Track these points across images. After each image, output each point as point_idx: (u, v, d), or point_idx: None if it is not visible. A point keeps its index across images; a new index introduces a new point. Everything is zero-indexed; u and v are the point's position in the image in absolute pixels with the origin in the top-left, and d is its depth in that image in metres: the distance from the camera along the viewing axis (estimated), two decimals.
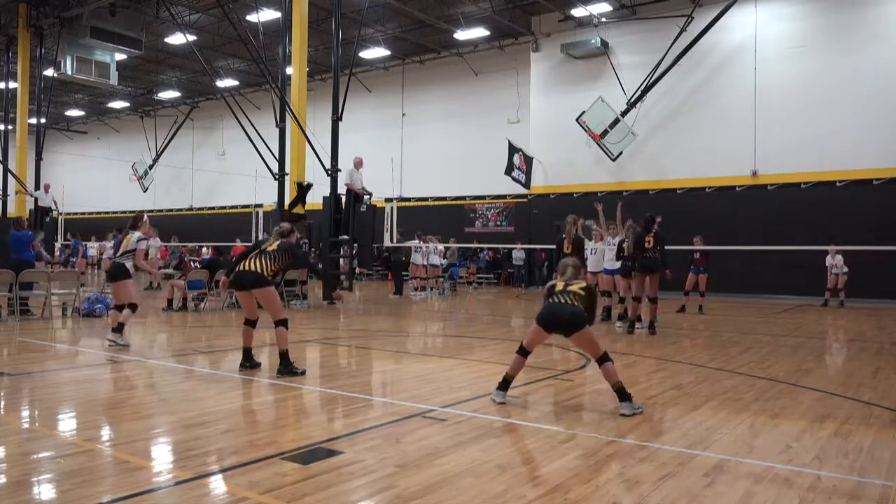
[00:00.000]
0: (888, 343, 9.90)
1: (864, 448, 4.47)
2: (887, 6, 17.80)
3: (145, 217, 8.98)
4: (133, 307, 8.52)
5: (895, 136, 17.29)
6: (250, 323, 7.01)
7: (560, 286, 5.63)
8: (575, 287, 5.57)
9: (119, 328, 8.30)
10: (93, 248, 22.06)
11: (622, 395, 5.35)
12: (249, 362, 7.00)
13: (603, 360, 5.40)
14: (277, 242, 6.99)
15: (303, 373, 6.73)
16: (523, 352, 5.65)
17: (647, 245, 10.47)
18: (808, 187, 18.44)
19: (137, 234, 8.64)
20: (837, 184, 18.05)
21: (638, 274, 10.59)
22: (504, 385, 5.63)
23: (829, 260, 16.42)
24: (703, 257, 14.31)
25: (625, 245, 11.45)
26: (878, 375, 7.20)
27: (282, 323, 6.79)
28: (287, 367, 6.69)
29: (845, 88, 17.99)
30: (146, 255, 8.93)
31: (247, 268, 6.80)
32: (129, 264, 8.55)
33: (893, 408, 5.64)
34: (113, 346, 8.21)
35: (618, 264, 12.10)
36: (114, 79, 22.22)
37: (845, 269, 16.21)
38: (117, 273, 8.54)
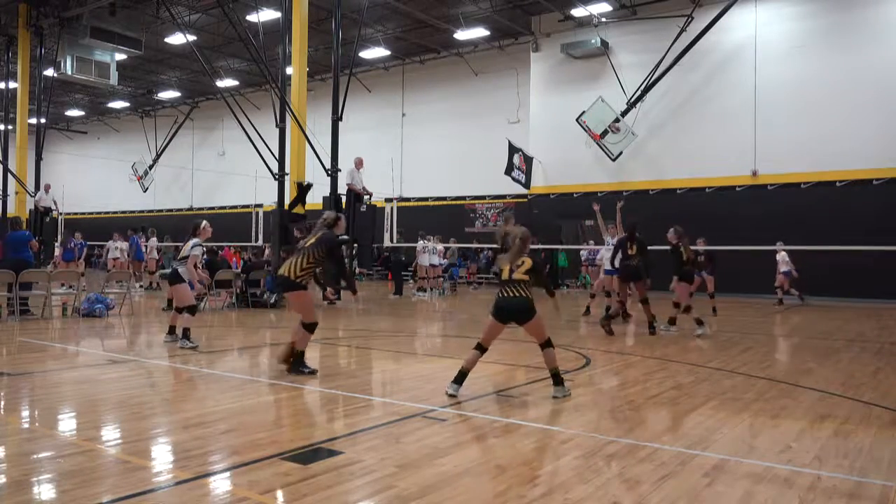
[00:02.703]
0: (888, 343, 9.90)
1: (864, 448, 4.47)
2: (887, 6, 17.80)
3: (202, 223, 9.00)
4: (192, 309, 8.58)
5: (895, 136, 17.30)
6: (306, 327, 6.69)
7: (506, 274, 5.81)
8: (519, 274, 5.75)
9: (185, 333, 8.46)
10: (117, 247, 20.64)
11: (556, 379, 5.76)
12: (302, 367, 6.72)
13: (545, 345, 5.77)
14: (318, 235, 6.72)
15: (312, 372, 6.62)
16: (480, 348, 5.87)
17: (630, 252, 10.42)
18: (808, 187, 18.43)
19: (195, 240, 8.80)
20: (837, 184, 18.04)
21: (621, 281, 10.58)
22: (460, 378, 5.81)
23: (778, 258, 16.34)
24: (708, 259, 14.24)
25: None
26: (878, 375, 7.20)
27: (307, 327, 6.63)
28: (298, 366, 6.62)
29: (845, 88, 17.98)
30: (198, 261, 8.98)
31: (281, 272, 6.67)
32: (181, 269, 8.73)
33: (893, 408, 5.64)
34: (183, 348, 8.34)
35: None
36: (114, 79, 22.21)
37: (785, 269, 16.13)
38: (173, 277, 8.82)
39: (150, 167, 33.61)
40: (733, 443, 4.55)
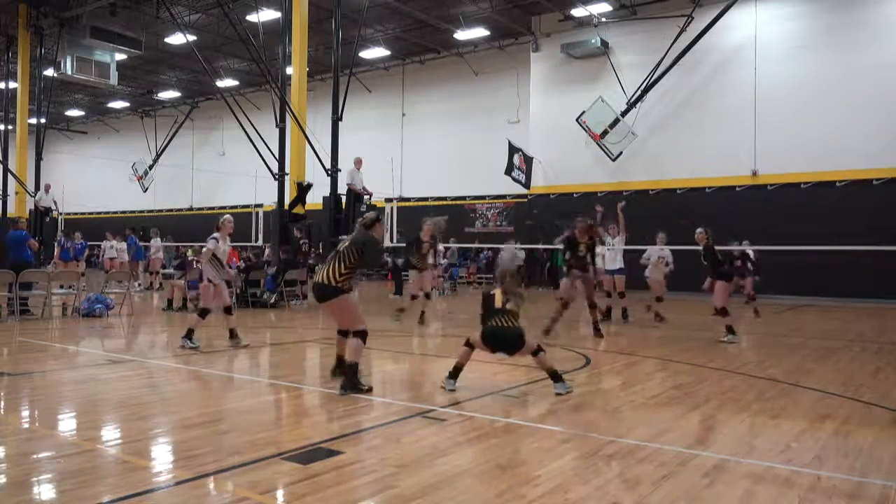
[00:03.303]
0: (888, 343, 9.90)
1: (864, 448, 4.47)
2: (887, 6, 17.79)
3: (222, 218, 8.71)
4: (202, 312, 8.37)
5: (895, 136, 17.30)
6: (341, 333, 6.36)
7: (499, 303, 5.96)
8: (511, 305, 5.98)
9: (188, 333, 8.24)
10: (112, 247, 20.30)
11: (555, 377, 5.95)
12: (340, 368, 6.33)
13: (536, 352, 5.94)
14: (353, 236, 6.29)
15: (369, 389, 5.94)
16: (470, 346, 6.02)
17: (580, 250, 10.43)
18: (808, 187, 18.43)
19: (214, 234, 8.50)
20: (837, 184, 18.03)
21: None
22: (454, 373, 5.99)
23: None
24: (743, 262, 14.13)
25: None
26: (878, 375, 7.20)
27: (358, 334, 5.99)
28: (352, 382, 5.92)
29: (845, 88, 17.97)
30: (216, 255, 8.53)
31: (317, 279, 6.13)
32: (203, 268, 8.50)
33: (893, 408, 5.64)
34: (184, 348, 8.15)
35: (617, 265, 12.20)
36: (114, 79, 22.21)
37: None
38: (200, 277, 8.69)
39: (150, 167, 33.59)
40: (733, 443, 4.55)
